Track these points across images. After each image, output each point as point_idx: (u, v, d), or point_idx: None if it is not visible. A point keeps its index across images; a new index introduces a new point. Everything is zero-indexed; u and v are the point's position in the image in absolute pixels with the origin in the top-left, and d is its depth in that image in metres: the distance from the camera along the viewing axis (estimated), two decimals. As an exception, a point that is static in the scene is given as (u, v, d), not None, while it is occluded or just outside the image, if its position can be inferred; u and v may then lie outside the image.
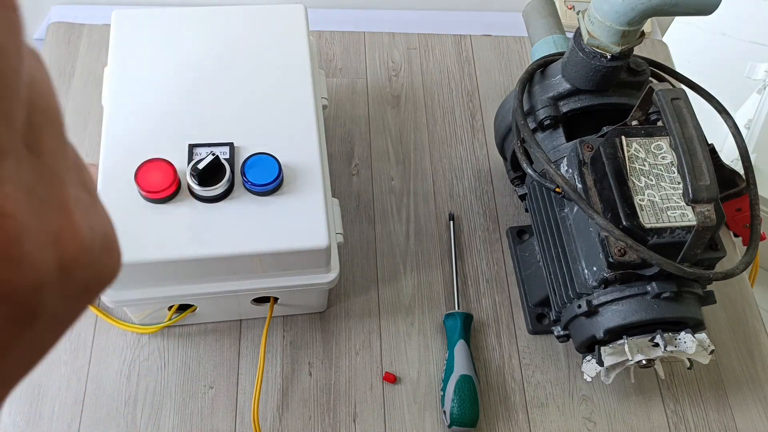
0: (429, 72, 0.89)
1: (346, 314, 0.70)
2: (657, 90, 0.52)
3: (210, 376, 0.66)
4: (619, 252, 0.54)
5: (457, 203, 0.78)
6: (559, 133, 0.64)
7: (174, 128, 0.57)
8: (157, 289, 0.56)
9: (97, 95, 0.80)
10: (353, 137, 0.82)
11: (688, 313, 0.56)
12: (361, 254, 0.74)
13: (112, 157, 0.55)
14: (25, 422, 0.62)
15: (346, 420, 0.65)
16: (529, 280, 0.72)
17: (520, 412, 0.67)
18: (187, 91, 0.59)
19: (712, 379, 0.70)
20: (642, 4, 0.52)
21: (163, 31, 0.62)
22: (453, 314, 0.69)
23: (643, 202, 0.53)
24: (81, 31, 0.86)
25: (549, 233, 0.64)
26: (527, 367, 0.69)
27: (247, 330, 0.68)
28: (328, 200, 0.57)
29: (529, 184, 0.70)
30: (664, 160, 0.56)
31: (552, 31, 0.67)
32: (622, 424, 0.67)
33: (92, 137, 0.78)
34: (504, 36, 0.93)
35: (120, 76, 0.59)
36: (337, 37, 0.90)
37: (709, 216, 0.49)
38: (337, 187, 0.78)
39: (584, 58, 0.58)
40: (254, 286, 0.58)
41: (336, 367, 0.67)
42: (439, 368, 0.68)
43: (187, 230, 0.52)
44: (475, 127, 0.85)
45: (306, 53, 0.62)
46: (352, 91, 0.86)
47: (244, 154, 0.55)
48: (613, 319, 0.57)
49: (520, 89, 0.63)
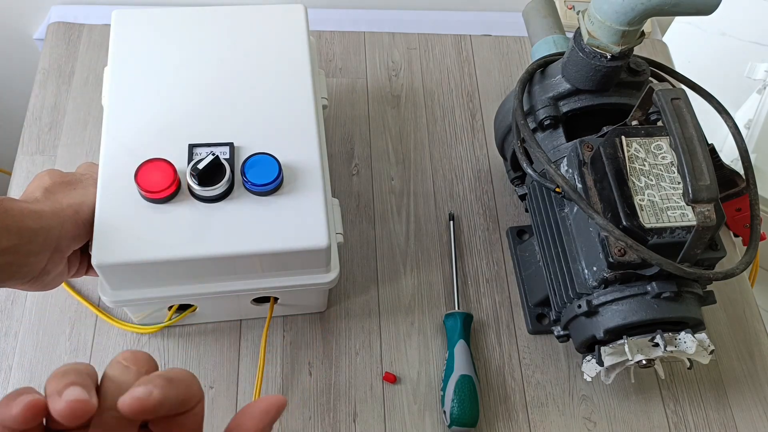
0: (429, 72, 0.89)
1: (346, 314, 0.70)
2: (657, 90, 0.52)
3: (210, 376, 0.66)
4: (619, 252, 0.54)
5: (457, 203, 0.78)
6: (559, 133, 0.64)
7: (174, 128, 0.57)
8: (157, 289, 0.56)
9: (97, 95, 0.81)
10: (353, 137, 0.82)
11: (688, 313, 0.56)
12: (361, 254, 0.74)
13: (112, 157, 0.55)
14: (25, 422, 0.62)
15: (346, 420, 0.65)
16: (529, 280, 0.72)
17: (520, 412, 0.67)
18: (187, 91, 0.59)
19: (712, 379, 0.70)
20: (642, 4, 0.52)
21: (163, 31, 0.62)
22: (453, 314, 0.69)
23: (643, 202, 0.53)
24: (81, 31, 0.86)
25: (549, 233, 0.64)
26: (527, 367, 0.69)
27: (247, 330, 0.68)
28: (328, 200, 0.57)
29: (529, 184, 0.70)
30: (664, 160, 0.56)
31: (552, 31, 0.67)
32: (622, 424, 0.67)
33: (92, 137, 0.78)
34: (504, 36, 0.93)
35: (120, 76, 0.59)
36: (337, 37, 0.90)
37: (709, 216, 0.49)
38: (337, 187, 0.78)
39: (584, 58, 0.58)
40: (254, 286, 0.58)
41: (336, 367, 0.67)
42: (439, 368, 0.68)
43: (187, 230, 0.52)
44: (475, 127, 0.85)
45: (306, 53, 0.62)
46: (352, 91, 0.86)
47: (244, 154, 0.55)
48: (613, 319, 0.57)
49: (520, 89, 0.63)
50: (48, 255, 0.49)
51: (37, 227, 0.48)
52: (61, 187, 0.52)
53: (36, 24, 0.91)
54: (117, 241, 0.51)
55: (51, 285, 0.53)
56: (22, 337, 0.66)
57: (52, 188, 0.52)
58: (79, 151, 0.77)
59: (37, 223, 0.48)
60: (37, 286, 0.51)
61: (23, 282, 0.50)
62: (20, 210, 0.47)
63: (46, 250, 0.49)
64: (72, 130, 0.78)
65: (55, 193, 0.52)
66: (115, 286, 0.55)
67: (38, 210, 0.49)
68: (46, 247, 0.49)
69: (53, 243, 0.49)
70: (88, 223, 0.52)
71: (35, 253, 0.48)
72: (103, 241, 0.51)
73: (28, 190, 0.53)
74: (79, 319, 0.67)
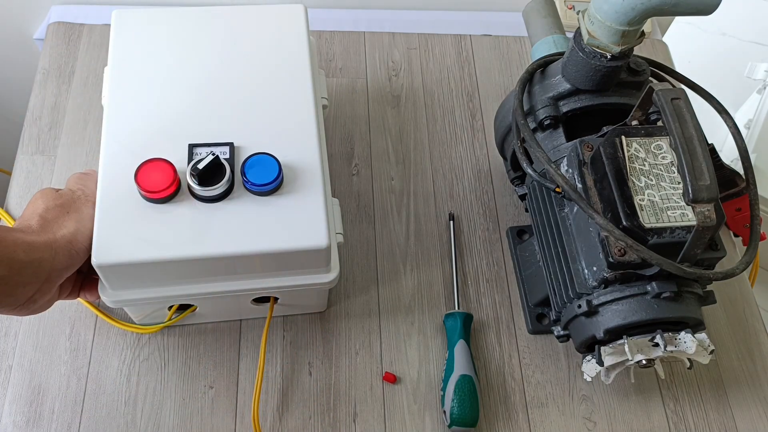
0: (429, 72, 0.89)
1: (346, 314, 0.70)
2: (657, 90, 0.52)
3: (210, 376, 0.66)
4: (619, 252, 0.54)
5: (457, 203, 0.78)
6: (559, 133, 0.64)
7: (174, 128, 0.57)
8: (157, 289, 0.56)
9: (97, 95, 0.81)
10: (353, 137, 0.82)
11: (688, 313, 0.56)
12: (361, 254, 0.74)
13: (112, 157, 0.55)
14: (25, 422, 0.62)
15: (346, 420, 0.65)
16: (529, 280, 0.72)
17: (520, 412, 0.67)
18: (187, 91, 0.59)
19: (712, 379, 0.70)
20: (642, 4, 0.52)
21: (163, 31, 0.62)
22: (453, 314, 0.69)
23: (643, 202, 0.53)
24: (81, 31, 0.86)
25: (549, 233, 0.64)
26: (527, 367, 0.69)
27: (247, 330, 0.68)
28: (328, 200, 0.57)
29: (529, 184, 0.70)
30: (664, 160, 0.56)
31: (552, 31, 0.67)
32: (622, 424, 0.67)
33: (92, 137, 0.78)
34: (504, 36, 0.93)
35: (120, 76, 0.59)
36: (337, 37, 0.90)
37: (709, 216, 0.49)
38: (337, 187, 0.78)
39: (584, 58, 0.58)
40: (254, 286, 0.58)
41: (336, 367, 0.67)
42: (439, 368, 0.68)
43: (187, 230, 0.52)
44: (475, 127, 0.85)
45: (306, 53, 0.62)
46: (352, 91, 0.86)
47: (244, 154, 0.55)
48: (613, 319, 0.57)
49: (520, 89, 0.63)
50: (37, 286, 0.49)
51: (28, 260, 0.47)
52: (56, 212, 0.52)
53: (36, 24, 0.91)
54: (117, 241, 0.51)
55: (39, 310, 0.53)
56: (22, 337, 0.66)
57: (46, 214, 0.52)
58: (79, 151, 0.77)
59: (29, 255, 0.47)
60: (24, 313, 0.51)
61: (9, 310, 0.49)
62: (13, 241, 0.47)
63: (36, 282, 0.49)
64: (72, 130, 0.78)
65: (49, 220, 0.51)
66: (115, 286, 0.55)
67: (31, 242, 0.48)
68: (35, 279, 0.48)
69: (44, 275, 0.49)
70: (82, 252, 0.52)
71: (23, 285, 0.48)
72: (103, 241, 0.51)
73: (23, 217, 0.52)
74: (79, 319, 0.67)
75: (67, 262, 0.50)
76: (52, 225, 0.51)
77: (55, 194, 0.54)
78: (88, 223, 0.52)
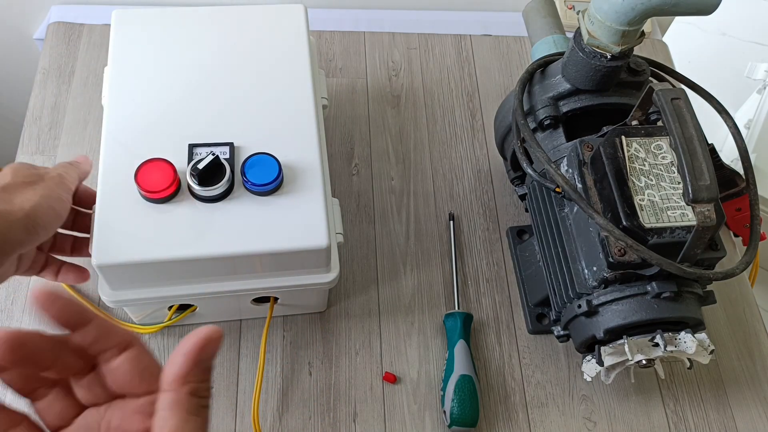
0: (429, 72, 0.89)
1: (346, 314, 0.70)
2: (657, 90, 0.52)
3: (210, 376, 0.66)
4: (619, 252, 0.54)
5: (457, 203, 0.78)
6: (559, 133, 0.64)
7: (174, 128, 0.57)
8: (157, 289, 0.56)
9: (97, 95, 0.81)
10: (353, 137, 0.82)
11: (688, 313, 0.56)
12: (361, 254, 0.74)
13: (112, 157, 0.55)
14: (25, 422, 0.62)
15: (346, 420, 0.65)
16: (529, 280, 0.72)
17: (520, 412, 0.67)
18: (187, 91, 0.59)
19: (712, 379, 0.70)
20: (642, 4, 0.52)
21: (163, 31, 0.62)
22: (453, 314, 0.69)
23: (643, 202, 0.53)
24: (81, 31, 0.86)
25: (549, 233, 0.64)
26: (527, 367, 0.69)
27: (247, 330, 0.68)
28: (328, 200, 0.57)
29: (529, 184, 0.70)
30: (664, 160, 0.56)
31: (552, 31, 0.67)
32: (622, 424, 0.67)
33: (92, 137, 0.78)
34: (504, 36, 0.93)
35: (120, 76, 0.59)
36: (337, 37, 0.90)
37: (709, 216, 0.49)
38: (337, 187, 0.78)
39: (584, 58, 0.58)
40: (254, 286, 0.58)
41: (336, 367, 0.67)
42: (439, 368, 0.68)
43: (187, 230, 0.52)
44: (475, 127, 0.85)
45: (306, 53, 0.62)
46: (352, 91, 0.86)
47: (244, 154, 0.55)
48: (613, 319, 0.57)
49: (520, 89, 0.63)
50: None
51: None
52: (21, 187, 0.49)
53: (36, 24, 0.91)
54: (117, 241, 0.51)
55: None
56: (22, 337, 0.66)
57: (10, 188, 0.48)
58: (79, 151, 0.77)
59: None
60: None
61: None
62: None
63: None
64: (72, 130, 0.78)
65: (11, 193, 0.48)
66: (115, 286, 0.55)
67: None
68: None
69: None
70: (41, 228, 0.48)
71: None
72: (103, 241, 0.51)
73: None
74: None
75: (22, 236, 0.47)
76: (11, 196, 0.48)
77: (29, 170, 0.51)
78: (54, 202, 0.49)
